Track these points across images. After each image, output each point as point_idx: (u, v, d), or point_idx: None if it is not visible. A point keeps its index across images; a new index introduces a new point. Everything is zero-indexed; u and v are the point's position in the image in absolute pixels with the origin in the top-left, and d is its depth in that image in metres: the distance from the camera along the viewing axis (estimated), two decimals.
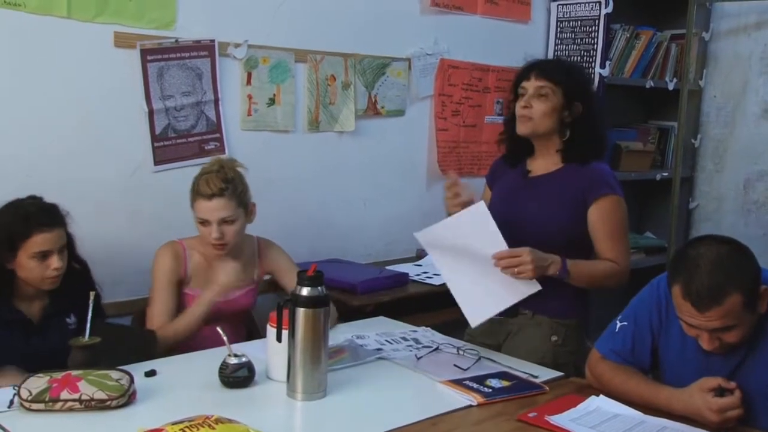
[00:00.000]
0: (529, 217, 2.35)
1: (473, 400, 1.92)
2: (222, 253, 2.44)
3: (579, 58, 3.91)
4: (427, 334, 2.47)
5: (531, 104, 2.35)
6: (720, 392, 1.80)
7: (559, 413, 1.83)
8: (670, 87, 4.18)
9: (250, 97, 3.06)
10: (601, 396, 1.94)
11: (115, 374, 1.83)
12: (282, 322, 1.93)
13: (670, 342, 1.95)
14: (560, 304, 2.38)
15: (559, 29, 4.02)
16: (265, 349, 2.04)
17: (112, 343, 2.03)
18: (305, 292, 1.90)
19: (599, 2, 3.84)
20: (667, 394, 1.87)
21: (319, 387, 1.92)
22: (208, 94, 2.93)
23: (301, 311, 1.89)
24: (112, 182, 2.75)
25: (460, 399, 1.93)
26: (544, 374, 2.14)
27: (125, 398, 1.80)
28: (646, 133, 4.35)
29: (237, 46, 2.99)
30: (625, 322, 2.02)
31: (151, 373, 2.01)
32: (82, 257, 2.35)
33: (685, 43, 4.08)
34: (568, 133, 2.38)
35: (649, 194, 4.41)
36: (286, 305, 1.92)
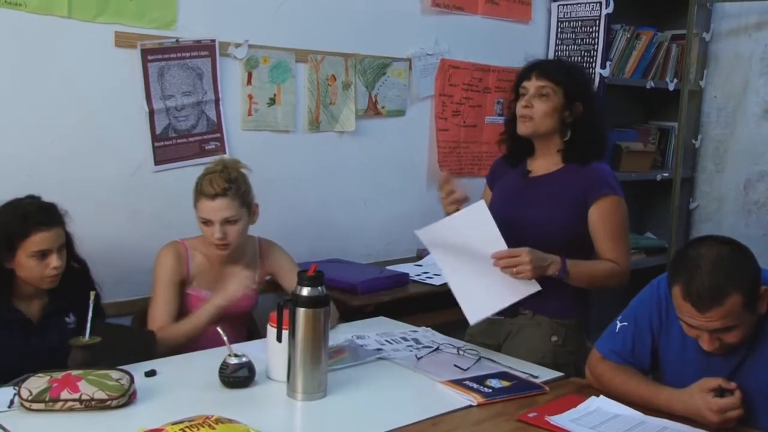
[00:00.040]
0: (530, 217, 2.35)
1: (473, 400, 1.92)
2: (224, 254, 2.43)
3: (579, 59, 3.91)
4: (428, 335, 2.47)
5: (532, 104, 2.35)
6: (720, 393, 1.80)
7: (559, 413, 1.83)
8: (671, 87, 4.18)
9: (250, 97, 3.06)
10: (602, 396, 1.94)
11: (116, 374, 1.83)
12: (282, 322, 1.93)
13: (671, 342, 1.95)
14: (560, 305, 2.38)
15: (559, 29, 4.01)
16: (266, 349, 2.04)
17: (112, 343, 2.03)
18: (305, 292, 1.90)
19: (600, 2, 3.84)
20: (668, 394, 1.87)
21: (320, 387, 1.92)
22: (208, 93, 2.93)
23: (301, 311, 1.89)
24: (112, 182, 2.75)
25: (460, 399, 1.93)
26: (544, 374, 2.14)
27: (125, 398, 1.80)
28: (647, 133, 4.35)
29: (237, 46, 2.99)
30: (626, 323, 2.02)
31: (151, 373, 2.01)
32: (81, 256, 2.35)
33: (686, 44, 4.08)
34: (569, 133, 2.38)
35: (650, 195, 4.40)
36: (287, 305, 1.92)
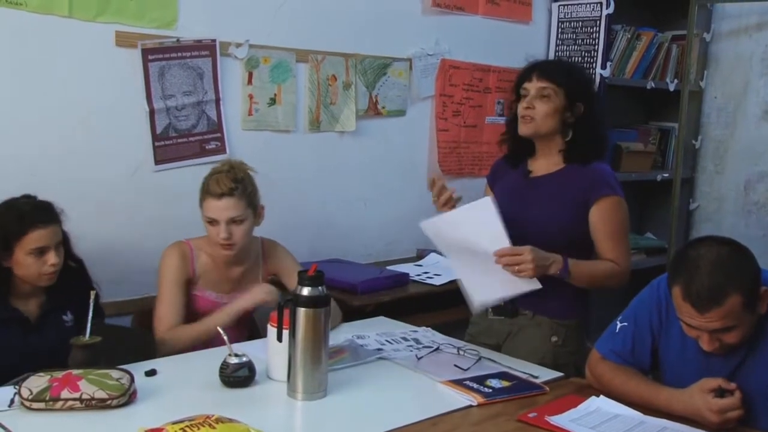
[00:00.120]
0: (531, 217, 2.35)
1: (473, 400, 1.92)
2: (229, 254, 2.42)
3: (580, 59, 3.91)
4: (428, 335, 2.47)
5: (533, 105, 2.35)
6: (720, 393, 1.80)
7: (559, 413, 1.83)
8: (671, 88, 4.18)
9: (251, 97, 3.06)
10: (602, 396, 1.94)
11: (116, 373, 1.83)
12: (283, 321, 1.93)
13: (670, 343, 1.95)
14: (560, 305, 2.38)
15: (560, 30, 4.01)
16: (266, 349, 2.04)
17: (111, 344, 2.03)
18: (306, 291, 1.90)
19: (600, 3, 3.84)
20: (668, 394, 1.87)
21: (320, 387, 1.92)
22: (209, 93, 2.93)
23: (301, 311, 1.89)
24: (112, 182, 2.75)
25: (461, 399, 1.93)
26: (545, 374, 2.14)
27: (126, 397, 1.80)
28: (647, 133, 4.35)
29: (238, 45, 2.99)
30: (626, 323, 2.02)
31: (151, 373, 2.01)
32: (77, 255, 2.35)
33: (686, 44, 4.08)
34: (571, 133, 2.38)
35: (650, 195, 4.41)
36: (287, 305, 1.92)
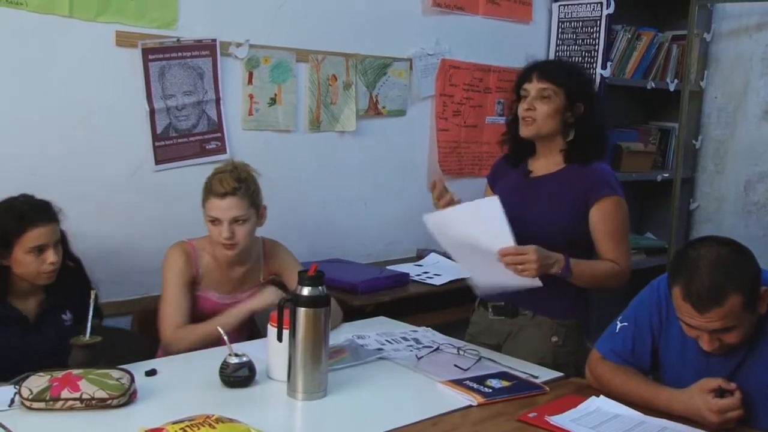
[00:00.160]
0: (531, 217, 2.35)
1: (473, 400, 1.92)
2: (232, 254, 2.41)
3: (580, 59, 3.91)
4: (428, 334, 2.47)
5: (534, 106, 2.35)
6: (720, 393, 1.80)
7: (559, 413, 1.83)
8: (671, 88, 4.18)
9: (251, 97, 3.06)
10: (602, 396, 1.94)
11: (116, 373, 1.83)
12: (283, 321, 1.93)
13: (671, 343, 1.95)
14: (560, 305, 2.38)
15: (560, 30, 4.01)
16: (266, 349, 2.04)
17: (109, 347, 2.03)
18: (306, 291, 1.90)
19: (601, 3, 3.84)
20: (668, 394, 1.87)
21: (320, 387, 1.92)
22: (209, 93, 2.93)
23: (301, 311, 1.89)
24: (113, 181, 2.75)
25: (461, 399, 1.93)
26: (545, 374, 2.14)
27: (126, 397, 1.80)
28: (647, 133, 4.35)
29: (238, 45, 2.99)
30: (626, 323, 2.02)
31: (151, 373, 2.01)
32: (75, 254, 2.35)
33: (687, 44, 4.07)
34: (572, 133, 2.38)
35: (650, 195, 4.41)
36: (287, 305, 1.92)
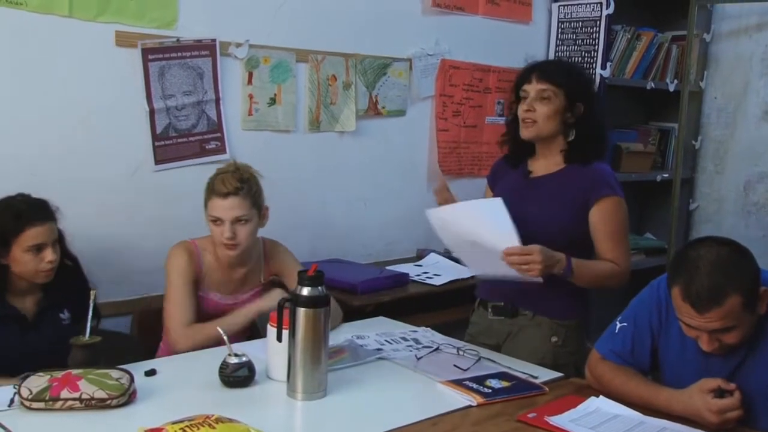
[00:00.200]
0: (531, 217, 2.34)
1: (473, 400, 1.92)
2: (233, 254, 2.41)
3: (580, 59, 3.91)
4: (427, 335, 2.47)
5: (534, 108, 2.35)
6: (720, 393, 1.80)
7: (558, 414, 1.83)
8: (671, 88, 4.18)
9: (251, 97, 3.06)
10: (601, 397, 1.94)
11: (116, 373, 1.83)
12: (282, 321, 1.93)
13: (670, 343, 1.95)
14: (560, 305, 2.38)
15: (560, 30, 4.01)
16: (266, 349, 2.04)
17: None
18: (306, 291, 1.90)
19: (600, 3, 3.84)
20: (667, 395, 1.87)
21: (319, 387, 1.92)
22: (209, 93, 2.93)
23: (301, 311, 1.89)
24: (112, 181, 2.75)
25: (460, 399, 1.93)
26: (544, 375, 2.14)
27: (125, 397, 1.80)
28: (647, 134, 4.35)
29: (238, 45, 2.99)
30: (625, 323, 2.02)
31: (151, 373, 2.01)
32: (73, 253, 2.36)
33: (686, 45, 4.08)
34: (573, 134, 2.37)
35: (650, 195, 4.41)
36: (287, 305, 1.92)
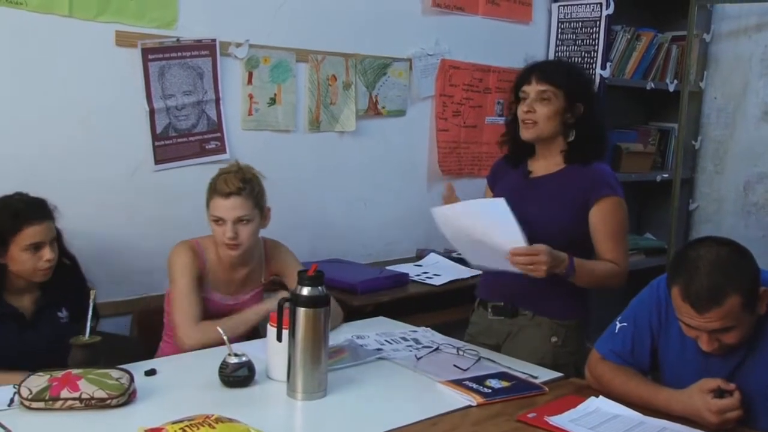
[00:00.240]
0: (531, 217, 2.34)
1: (473, 400, 1.92)
2: (235, 255, 2.40)
3: (580, 60, 3.91)
4: (427, 335, 2.47)
5: (534, 109, 2.35)
6: (719, 393, 1.80)
7: (558, 414, 1.83)
8: (671, 88, 4.18)
9: (251, 97, 3.06)
10: (601, 397, 1.94)
11: (115, 373, 1.83)
12: (282, 321, 1.93)
13: (670, 343, 1.95)
14: (560, 305, 2.38)
15: (560, 30, 4.02)
16: (266, 349, 2.04)
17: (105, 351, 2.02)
18: (306, 291, 1.90)
19: (600, 3, 3.84)
20: (667, 395, 1.87)
21: (319, 387, 1.92)
22: (209, 93, 2.93)
23: (301, 311, 1.89)
24: (112, 181, 2.75)
25: (460, 399, 1.93)
26: (544, 375, 2.14)
27: (125, 397, 1.80)
28: (647, 134, 4.35)
29: (238, 45, 2.99)
30: (625, 323, 2.02)
31: (151, 372, 2.01)
32: (70, 252, 2.36)
33: (686, 45, 4.08)
34: (573, 134, 2.37)
35: (649, 195, 4.41)
36: (287, 305, 1.92)
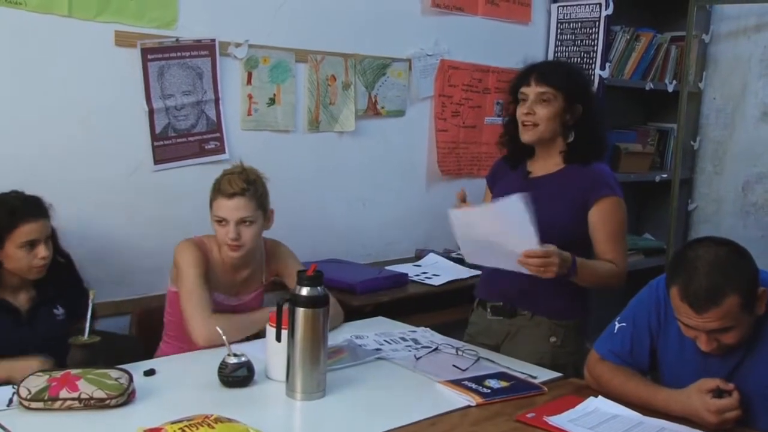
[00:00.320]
0: None
1: (472, 400, 1.92)
2: (237, 255, 2.40)
3: (579, 60, 3.91)
4: (426, 335, 2.47)
5: (534, 111, 2.34)
6: (718, 393, 1.80)
7: (557, 414, 1.84)
8: (670, 89, 4.18)
9: (250, 97, 3.06)
10: (600, 397, 1.94)
11: (115, 373, 1.83)
12: (281, 321, 1.93)
13: (669, 343, 1.96)
14: (559, 305, 2.38)
15: (559, 31, 4.02)
16: (265, 349, 2.04)
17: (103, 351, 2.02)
18: (305, 291, 1.90)
19: (599, 4, 3.85)
20: (666, 395, 1.88)
21: (318, 387, 1.92)
22: (208, 93, 2.93)
23: (300, 311, 1.89)
24: (112, 181, 2.75)
25: (459, 399, 1.93)
26: (543, 375, 2.14)
27: (124, 397, 1.80)
28: (646, 134, 4.35)
29: (238, 45, 2.99)
30: (624, 323, 2.02)
31: (150, 372, 2.01)
32: (65, 250, 2.36)
33: (685, 45, 4.08)
34: (573, 134, 2.37)
35: (648, 196, 4.41)
36: (286, 305, 1.92)
